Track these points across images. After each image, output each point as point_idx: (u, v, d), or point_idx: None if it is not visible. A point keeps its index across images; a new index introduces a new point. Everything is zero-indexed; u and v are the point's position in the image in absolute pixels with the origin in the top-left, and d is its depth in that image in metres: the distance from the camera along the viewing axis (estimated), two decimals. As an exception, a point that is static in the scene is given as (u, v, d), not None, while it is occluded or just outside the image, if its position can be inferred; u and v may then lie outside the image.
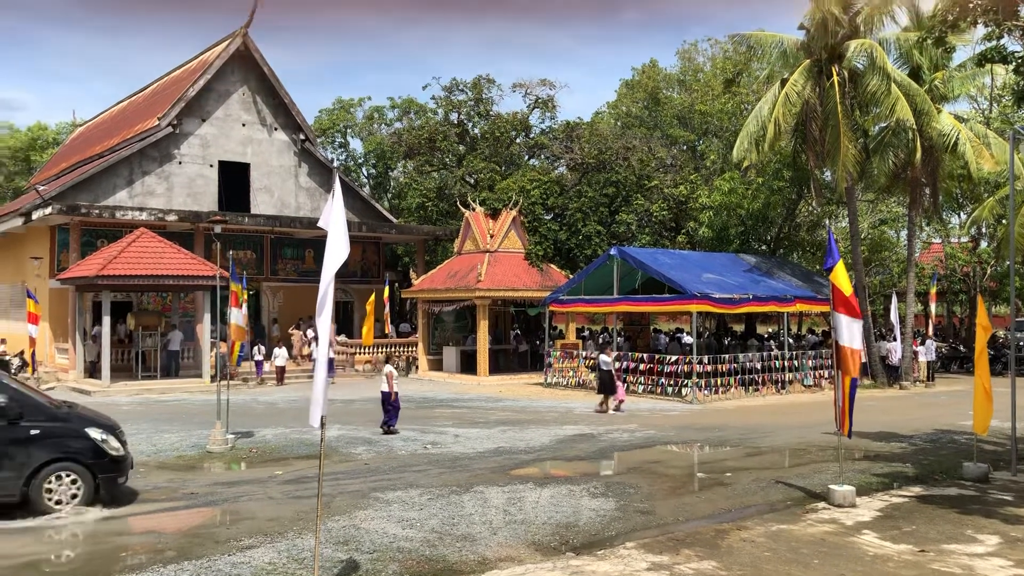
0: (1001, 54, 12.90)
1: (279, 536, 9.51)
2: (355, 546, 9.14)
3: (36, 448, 10.50)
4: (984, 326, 13.57)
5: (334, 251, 9.40)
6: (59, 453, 10.63)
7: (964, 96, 31.97)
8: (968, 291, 37.83)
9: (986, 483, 12.62)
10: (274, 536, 9.51)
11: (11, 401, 10.59)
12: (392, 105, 50.76)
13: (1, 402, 10.51)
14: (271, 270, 35.43)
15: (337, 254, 9.42)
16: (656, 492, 12.05)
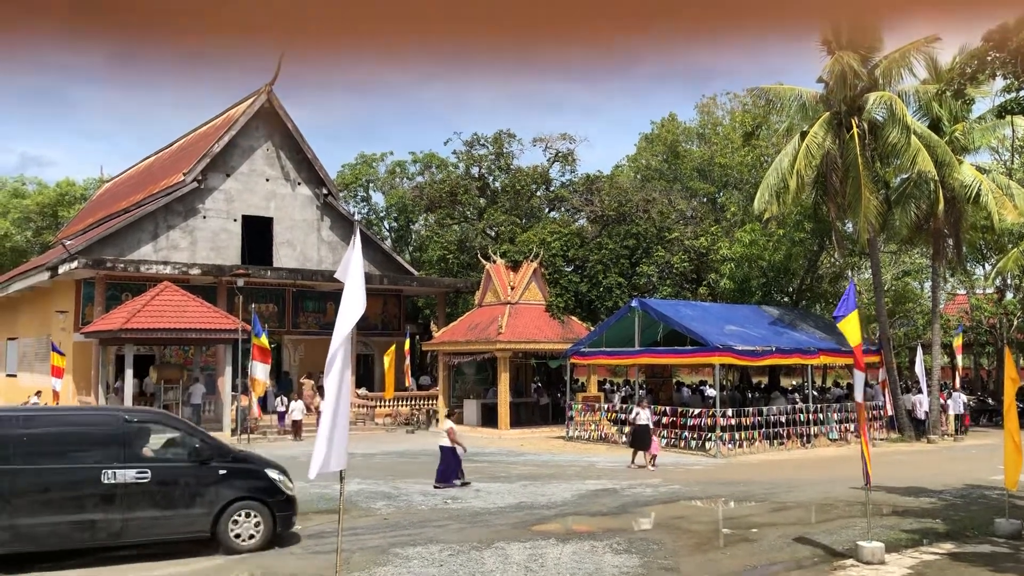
0: (1021, 106, 12.92)
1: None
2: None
3: (224, 487, 11.35)
4: (1012, 378, 13.35)
5: (350, 306, 9.48)
6: (243, 492, 11.48)
7: (985, 147, 31.92)
8: (995, 343, 37.33)
9: (1019, 540, 12.30)
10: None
11: (203, 444, 11.59)
12: (414, 160, 51.35)
13: (196, 445, 11.53)
14: (292, 323, 35.61)
15: (353, 310, 9.49)
16: (680, 548, 11.83)
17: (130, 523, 10.85)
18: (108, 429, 11.19)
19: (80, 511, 10.62)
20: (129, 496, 10.83)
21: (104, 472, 10.76)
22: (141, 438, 11.45)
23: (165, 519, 11.06)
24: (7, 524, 10.22)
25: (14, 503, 10.25)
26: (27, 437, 10.78)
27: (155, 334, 26.45)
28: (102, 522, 10.71)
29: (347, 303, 9.58)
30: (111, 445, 11.01)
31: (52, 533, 10.47)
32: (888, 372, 27.64)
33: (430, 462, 21.94)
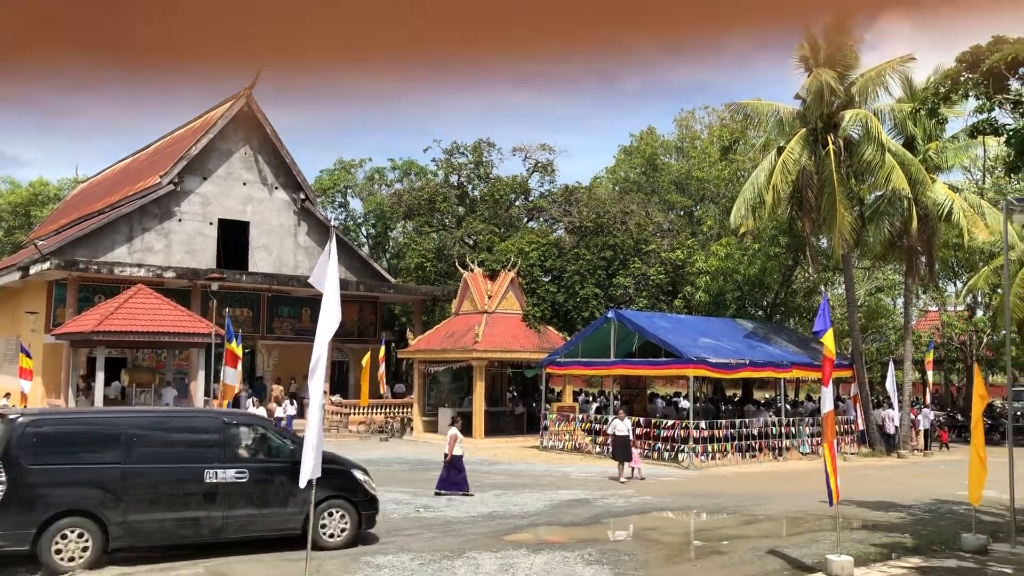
0: (992, 126, 13.10)
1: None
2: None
3: (316, 487, 11.31)
4: (981, 395, 13.54)
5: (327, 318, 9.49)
6: (332, 492, 12.00)
7: (958, 166, 32.37)
8: (965, 359, 37.79)
9: (985, 555, 12.44)
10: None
11: (295, 446, 11.96)
12: (393, 166, 51.31)
13: (289, 447, 12.18)
14: (267, 328, 35.38)
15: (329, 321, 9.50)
16: (651, 560, 11.86)
17: (230, 520, 11.50)
18: (210, 431, 11.90)
19: (185, 509, 11.28)
20: (229, 495, 11.50)
21: (207, 472, 11.42)
22: (238, 440, 12.08)
23: (261, 517, 11.73)
24: (121, 520, 10.87)
25: (127, 500, 10.84)
26: (137, 438, 11.33)
27: (128, 337, 26.20)
28: (205, 519, 11.37)
29: (325, 314, 9.60)
30: (213, 446, 11.69)
31: (160, 529, 11.12)
32: (860, 387, 27.88)
33: (403, 471, 21.90)
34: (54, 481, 10.75)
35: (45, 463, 10.79)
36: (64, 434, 11.26)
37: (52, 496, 10.67)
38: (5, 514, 10.39)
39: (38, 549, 10.48)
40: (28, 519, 10.49)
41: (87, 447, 11.17)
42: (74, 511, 10.72)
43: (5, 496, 10.41)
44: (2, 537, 10.37)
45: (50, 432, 11.13)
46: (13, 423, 10.92)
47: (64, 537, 10.61)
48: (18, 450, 10.68)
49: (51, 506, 10.62)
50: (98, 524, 10.80)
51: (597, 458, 25.09)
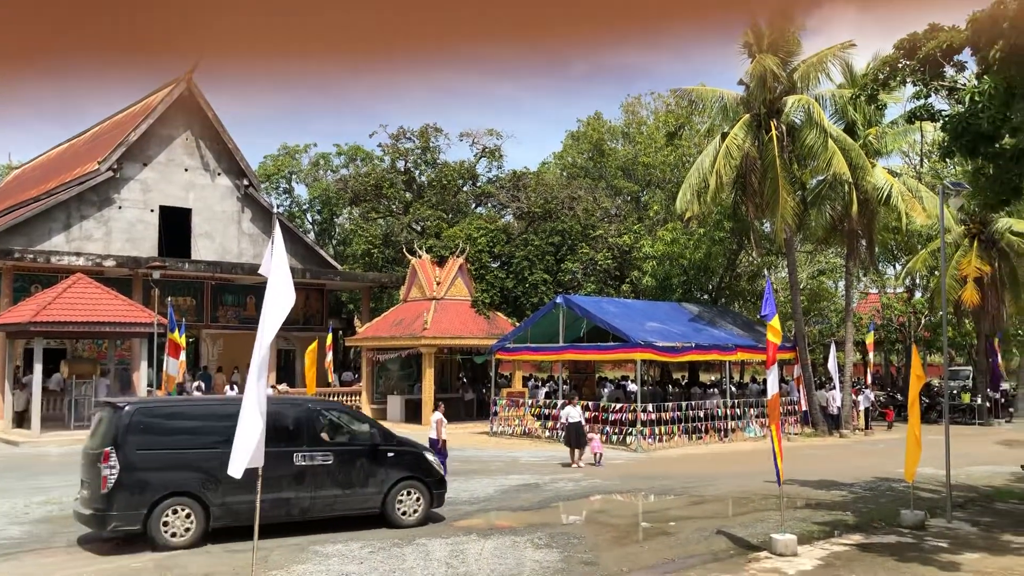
0: (929, 112, 13.37)
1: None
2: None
3: (392, 469, 12.91)
4: (918, 375, 13.89)
5: (277, 300, 9.24)
6: (407, 473, 13.01)
7: (897, 151, 33.06)
8: (904, 340, 38.74)
9: (923, 530, 12.79)
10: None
11: (374, 430, 13.31)
12: (338, 152, 50.75)
13: (368, 431, 13.25)
14: (211, 317, 34.80)
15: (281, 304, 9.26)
16: (600, 542, 11.97)
17: (316, 500, 12.30)
18: (298, 416, 12.62)
19: (277, 490, 11.87)
20: (316, 477, 12.30)
21: (296, 455, 12.19)
22: (323, 425, 12.93)
23: (345, 497, 12.54)
24: (220, 502, 11.61)
25: (225, 482, 11.10)
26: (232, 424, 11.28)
27: (67, 327, 25.53)
28: (294, 499, 12.15)
29: (273, 297, 9.35)
30: (301, 431, 12.45)
31: (250, 509, 11.22)
32: (803, 368, 28.42)
33: (352, 458, 21.74)
34: (160, 465, 11.49)
35: (151, 448, 11.53)
36: (166, 421, 12.06)
37: (159, 479, 11.40)
38: (119, 496, 11.16)
39: (148, 527, 11.23)
40: (139, 500, 11.23)
41: (187, 433, 11.96)
42: (179, 492, 11.48)
43: (118, 480, 11.15)
44: (117, 517, 11.15)
45: (153, 419, 11.88)
46: (121, 411, 11.60)
47: (172, 515, 11.39)
48: (127, 436, 11.38)
49: (158, 488, 11.36)
50: (200, 504, 11.55)
51: (547, 443, 25.21)
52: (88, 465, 11.60)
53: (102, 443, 11.45)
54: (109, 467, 11.17)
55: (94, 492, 11.25)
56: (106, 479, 11.14)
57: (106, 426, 11.67)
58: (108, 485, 11.14)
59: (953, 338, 38.16)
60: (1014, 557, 11.17)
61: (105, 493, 11.13)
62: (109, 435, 11.42)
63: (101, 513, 11.19)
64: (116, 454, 11.23)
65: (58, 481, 17.18)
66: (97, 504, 11.19)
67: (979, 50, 12.19)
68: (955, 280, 30.53)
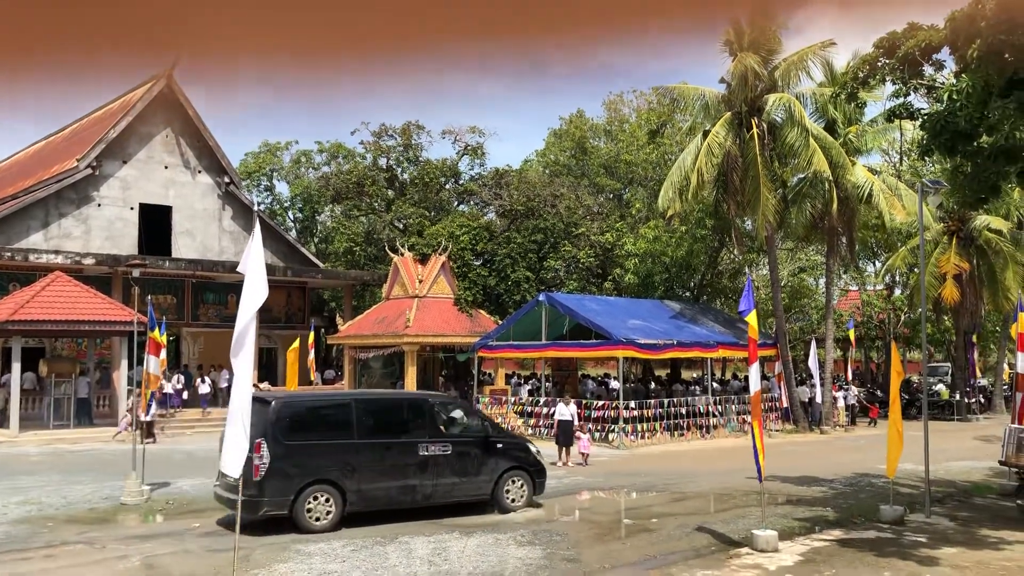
0: (908, 111, 13.47)
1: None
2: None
3: (501, 459, 14.04)
4: (898, 371, 14.01)
5: (252, 291, 9.24)
6: (514, 462, 14.18)
7: (877, 149, 33.32)
8: (884, 337, 39.04)
9: (902, 525, 12.91)
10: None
11: (485, 423, 14.71)
12: (320, 149, 50.46)
13: (480, 424, 14.51)
14: (192, 315, 34.57)
15: (256, 295, 9.26)
16: (583, 539, 11.99)
17: (438, 487, 13.38)
18: (420, 410, 13.92)
19: (404, 478, 13.11)
20: (437, 466, 13.38)
21: (420, 446, 13.31)
22: (442, 418, 14.10)
23: (461, 484, 13.63)
24: (356, 488, 12.65)
25: (360, 471, 12.65)
26: (367, 417, 13.31)
27: (45, 326, 25.31)
28: (419, 486, 13.24)
29: (249, 291, 9.34)
30: (423, 423, 13.64)
31: (385, 495, 12.99)
32: (784, 365, 28.56)
33: (334, 457, 21.67)
34: (304, 454, 12.46)
35: (296, 439, 12.49)
36: (308, 414, 13.04)
37: (303, 468, 12.35)
38: (270, 483, 12.09)
39: (294, 512, 12.17)
40: (286, 487, 12.19)
41: (326, 425, 13.01)
42: (320, 480, 12.43)
43: (269, 468, 12.08)
44: (268, 503, 12.10)
45: (297, 413, 12.88)
46: (269, 406, 12.49)
47: (314, 501, 12.33)
48: (276, 428, 12.35)
49: (303, 476, 12.31)
50: (339, 491, 12.52)
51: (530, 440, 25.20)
52: None
53: (252, 435, 11.64)
54: (260, 457, 12.06)
55: (247, 479, 11.56)
56: (258, 468, 12.02)
57: (257, 419, 11.97)
58: (260, 473, 12.04)
59: (932, 335, 38.48)
60: (990, 551, 11.30)
61: (257, 480, 12.00)
62: (259, 427, 11.98)
63: (255, 499, 11.95)
64: (266, 445, 12.12)
65: (36, 481, 17.05)
66: (250, 491, 11.72)
67: (957, 49, 12.28)
68: (934, 277, 30.79)
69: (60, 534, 12.23)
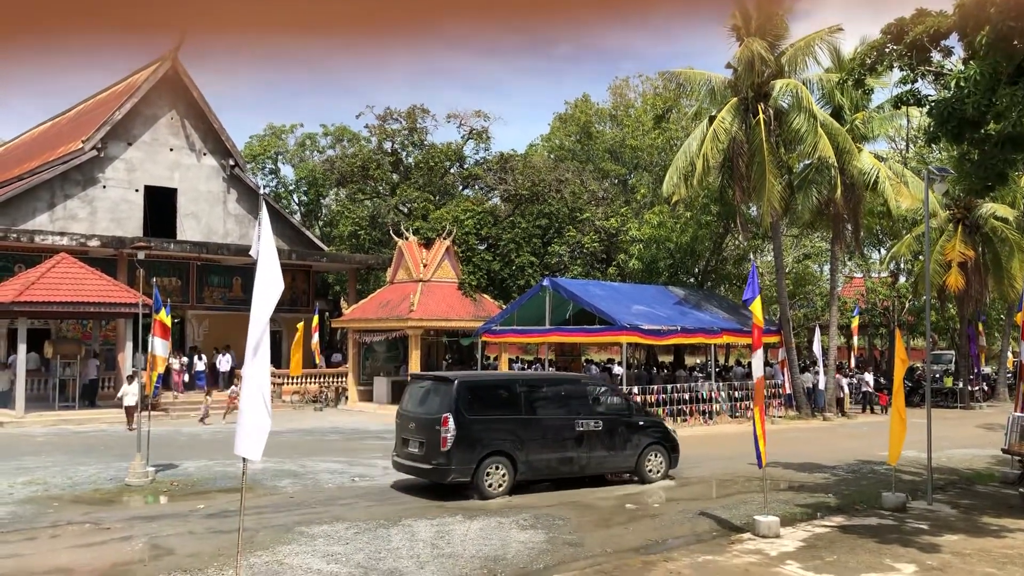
0: (915, 97, 13.39)
1: (199, 573, 9.24)
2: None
3: (643, 435, 15.53)
4: (902, 359, 13.98)
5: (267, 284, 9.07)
6: (654, 439, 15.63)
7: (883, 136, 33.13)
8: (888, 324, 39.01)
9: (904, 512, 12.93)
10: (194, 573, 9.23)
11: (629, 402, 16.49)
12: (325, 132, 50.38)
13: (626, 403, 16.16)
14: (197, 298, 34.65)
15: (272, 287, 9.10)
16: (585, 524, 12.04)
17: (591, 459, 14.87)
18: (576, 389, 15.52)
19: (564, 450, 14.58)
20: (590, 440, 14.81)
21: (576, 421, 14.74)
22: (594, 397, 15.43)
23: (610, 457, 15.08)
24: (525, 459, 14.08)
25: (528, 443, 14.11)
26: (532, 395, 14.74)
27: (51, 307, 25.39)
28: (576, 459, 14.69)
29: (262, 284, 9.13)
30: (578, 402, 15.10)
31: (547, 466, 14.48)
32: (787, 352, 28.57)
33: (338, 440, 21.81)
34: (483, 428, 13.82)
35: (474, 415, 13.81)
36: (482, 392, 14.40)
37: (482, 440, 13.75)
38: (457, 453, 13.48)
39: (475, 479, 13.63)
40: (469, 457, 13.59)
41: (498, 402, 14.36)
42: (496, 452, 13.84)
43: (455, 440, 13.45)
44: (455, 470, 13.52)
45: (474, 391, 14.19)
46: (452, 384, 13.95)
47: (492, 470, 13.78)
48: (460, 405, 13.70)
49: (483, 447, 13.72)
50: (511, 461, 13.94)
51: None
52: (424, 427, 13.84)
53: (439, 410, 13.70)
54: (447, 430, 13.45)
55: (434, 449, 13.49)
56: (445, 439, 13.44)
57: (441, 396, 13.97)
58: (448, 444, 13.44)
59: (936, 322, 38.47)
60: (992, 539, 11.32)
61: (445, 451, 13.43)
62: (445, 403, 13.69)
63: (444, 467, 13.50)
64: (453, 419, 13.49)
65: (42, 462, 17.15)
66: (439, 460, 13.46)
67: (966, 35, 12.21)
68: (939, 265, 30.73)
69: (66, 514, 12.30)
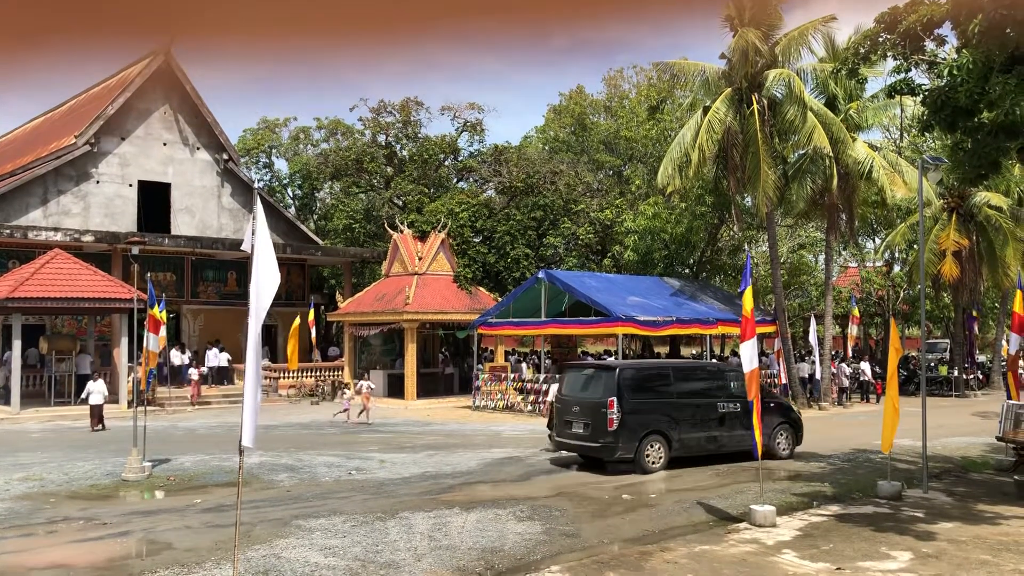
0: (909, 86, 13.40)
1: (196, 567, 9.24)
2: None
3: (773, 416, 16.90)
4: (896, 348, 14.03)
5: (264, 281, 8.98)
6: (782, 419, 17.15)
7: (877, 125, 33.15)
8: (883, 314, 39.08)
9: (899, 501, 12.98)
10: (191, 567, 9.23)
11: None
12: (319, 126, 50.23)
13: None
14: (192, 293, 34.61)
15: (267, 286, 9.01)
16: (582, 515, 12.07)
17: (731, 438, 16.36)
18: (716, 375, 17.08)
19: (709, 430, 16.21)
20: (729, 421, 16.36)
21: (719, 404, 16.33)
22: (730, 382, 16.71)
23: (746, 436, 15.78)
24: (678, 438, 15.76)
25: (679, 424, 15.77)
26: (682, 381, 16.32)
27: (45, 303, 25.36)
28: (718, 437, 16.32)
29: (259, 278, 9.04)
30: (720, 386, 16.64)
31: (696, 444, 16.08)
32: (783, 342, 28.60)
33: (335, 434, 21.83)
34: (641, 411, 15.32)
35: (635, 398, 15.33)
36: (641, 378, 15.81)
37: (642, 421, 15.27)
38: (622, 433, 15.09)
39: (637, 455, 15.18)
40: (632, 436, 15.14)
41: (653, 387, 15.76)
42: (654, 431, 15.42)
43: (620, 421, 15.06)
44: (621, 448, 15.13)
45: (634, 377, 15.68)
46: (614, 371, 15.53)
47: (650, 448, 15.36)
48: (621, 390, 15.22)
49: (642, 428, 15.26)
50: (666, 440, 15.58)
51: (529, 416, 25.34)
52: (590, 410, 15.40)
53: (604, 394, 15.31)
54: (613, 412, 15.05)
55: (601, 429, 15.14)
56: (612, 420, 15.05)
57: (604, 382, 15.54)
58: (614, 425, 15.05)
59: (931, 311, 38.53)
60: (987, 526, 11.37)
61: (612, 431, 15.06)
62: (610, 388, 15.26)
63: (612, 445, 15.13)
64: (618, 402, 15.04)
65: (38, 458, 17.14)
66: (606, 439, 15.11)
67: (959, 24, 12.20)
68: (934, 254, 30.77)
69: (62, 510, 12.31)
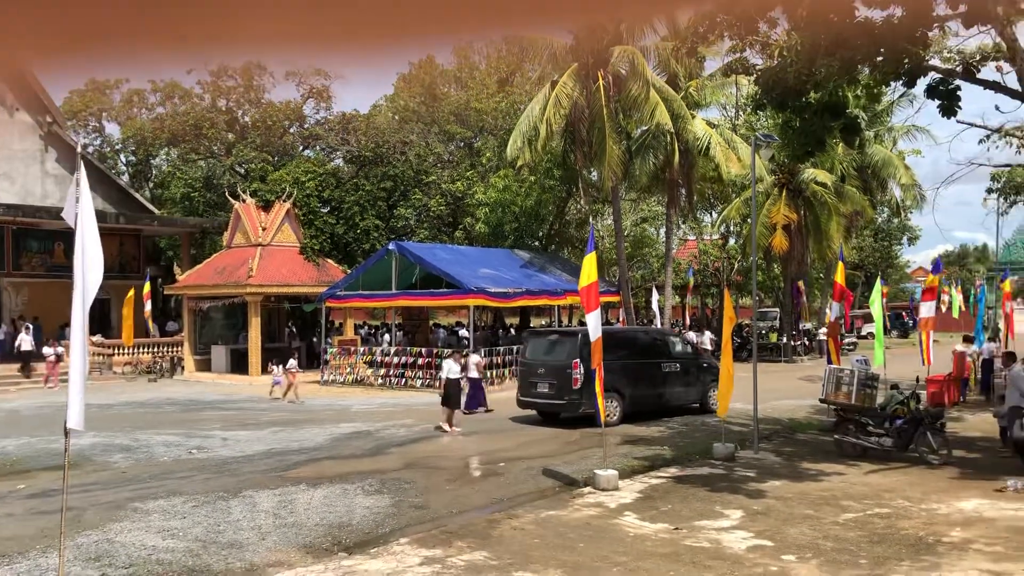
0: (744, 66, 13.99)
1: (20, 556, 8.65)
2: (108, 561, 8.48)
3: (706, 375, 19.02)
4: (730, 317, 14.73)
5: (89, 262, 8.32)
6: (714, 378, 17.53)
7: (715, 104, 34.54)
8: (719, 284, 41.01)
9: (733, 462, 13.70)
10: (13, 557, 8.64)
11: (694, 349, 20.62)
12: (154, 88, 47.55)
13: (690, 350, 20.06)
14: (14, 264, 32.26)
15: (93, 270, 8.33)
16: (431, 486, 12.09)
17: (673, 395, 18.70)
18: (660, 340, 19.71)
19: (655, 387, 18.36)
20: (670, 379, 18.63)
21: (662, 364, 18.59)
22: (671, 344, 19.42)
23: (684, 393, 18.88)
24: (630, 395, 17.69)
25: (631, 382, 17.73)
26: (633, 345, 18.73)
27: None
28: (664, 394, 18.49)
29: (84, 249, 8.30)
30: (663, 349, 19.07)
31: (644, 400, 18.07)
32: (626, 312, 29.58)
33: (175, 412, 20.96)
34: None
35: None
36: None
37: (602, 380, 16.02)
38: (584, 391, 16.49)
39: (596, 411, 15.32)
40: (591, 393, 14.83)
41: (611, 350, 15.60)
42: (611, 389, 16.41)
43: (583, 380, 16.65)
44: (584, 404, 16.58)
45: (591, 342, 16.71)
46: (577, 337, 17.28)
47: (609, 404, 16.29)
48: (583, 353, 16.39)
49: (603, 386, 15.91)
50: (621, 397, 17.44)
51: (379, 390, 25.15)
52: (555, 371, 17.34)
53: (568, 356, 17.22)
54: (578, 372, 16.82)
55: (567, 388, 17.09)
56: (576, 379, 16.87)
57: (568, 346, 17.57)
58: (578, 384, 16.82)
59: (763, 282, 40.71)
60: (811, 483, 12.17)
61: (577, 389, 16.89)
62: (574, 351, 17.11)
63: (577, 401, 16.98)
64: (582, 363, 16.63)
65: None
66: (572, 396, 17.03)
67: (789, 7, 12.80)
68: (765, 227, 32.46)
69: None
